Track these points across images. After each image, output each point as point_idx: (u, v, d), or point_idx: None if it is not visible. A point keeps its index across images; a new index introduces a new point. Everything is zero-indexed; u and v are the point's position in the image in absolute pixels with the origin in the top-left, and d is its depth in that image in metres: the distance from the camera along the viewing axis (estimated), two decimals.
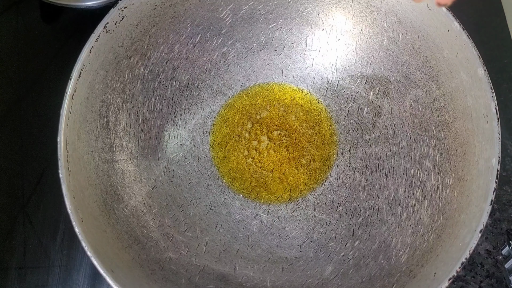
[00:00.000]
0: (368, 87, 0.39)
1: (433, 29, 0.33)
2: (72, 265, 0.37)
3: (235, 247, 0.35)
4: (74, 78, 0.31)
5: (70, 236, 0.38)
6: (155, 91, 0.37)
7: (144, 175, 0.36)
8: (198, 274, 0.33)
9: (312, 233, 0.36)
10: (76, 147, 0.31)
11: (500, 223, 0.39)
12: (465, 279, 0.37)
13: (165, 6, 0.35)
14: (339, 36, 0.39)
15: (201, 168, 0.38)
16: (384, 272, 0.32)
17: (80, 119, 0.31)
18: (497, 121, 0.30)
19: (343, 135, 0.39)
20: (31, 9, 0.46)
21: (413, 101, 0.36)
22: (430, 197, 0.33)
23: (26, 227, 0.38)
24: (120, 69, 0.34)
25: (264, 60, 0.41)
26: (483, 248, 0.38)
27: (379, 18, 0.36)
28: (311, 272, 0.34)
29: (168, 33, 0.36)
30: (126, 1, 0.33)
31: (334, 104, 0.40)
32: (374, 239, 0.34)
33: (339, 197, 0.37)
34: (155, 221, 0.34)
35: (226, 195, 0.38)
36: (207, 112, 0.40)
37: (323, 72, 0.40)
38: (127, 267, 0.30)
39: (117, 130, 0.35)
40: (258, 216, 0.37)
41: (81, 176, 0.31)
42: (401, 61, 0.36)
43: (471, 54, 0.31)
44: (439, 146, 0.34)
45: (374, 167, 0.37)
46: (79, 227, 0.28)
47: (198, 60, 0.39)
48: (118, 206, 0.32)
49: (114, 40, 0.33)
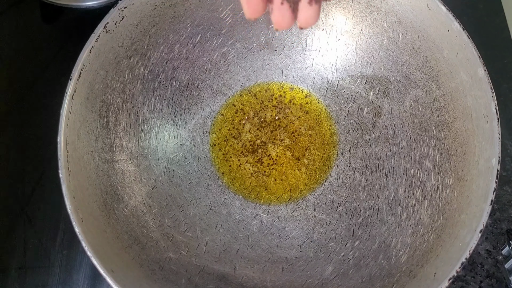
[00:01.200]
0: (368, 87, 0.39)
1: (433, 29, 0.33)
2: (72, 265, 0.37)
3: (235, 247, 0.35)
4: (74, 78, 0.31)
5: (70, 236, 0.38)
6: (155, 91, 0.37)
7: (144, 175, 0.36)
8: (198, 274, 0.33)
9: (312, 233, 0.36)
10: (76, 147, 0.31)
11: (500, 223, 0.39)
12: (465, 279, 0.37)
13: (165, 6, 0.35)
14: (339, 36, 0.39)
15: (201, 168, 0.38)
16: (384, 272, 0.32)
17: (80, 119, 0.31)
18: (497, 121, 0.30)
19: (343, 135, 0.39)
20: (31, 9, 0.46)
21: (413, 101, 0.36)
22: (430, 197, 0.33)
23: (26, 227, 0.38)
24: (120, 69, 0.34)
25: (264, 60, 0.41)
26: (483, 248, 0.38)
27: (379, 18, 0.36)
28: (311, 272, 0.34)
29: (168, 33, 0.36)
30: (126, 1, 0.33)
31: (334, 104, 0.40)
32: (374, 239, 0.34)
33: (339, 197, 0.37)
34: (155, 221, 0.34)
35: (226, 195, 0.38)
36: (207, 112, 0.40)
37: (323, 72, 0.40)
38: (127, 267, 0.30)
39: (117, 130, 0.35)
40: (258, 216, 0.37)
41: (81, 176, 0.31)
42: (401, 61, 0.36)
43: (471, 54, 0.31)
44: (439, 146, 0.34)
45: (374, 167, 0.37)
46: (79, 227, 0.28)
47: (198, 60, 0.39)
48: (118, 206, 0.32)
49: (114, 40, 0.33)
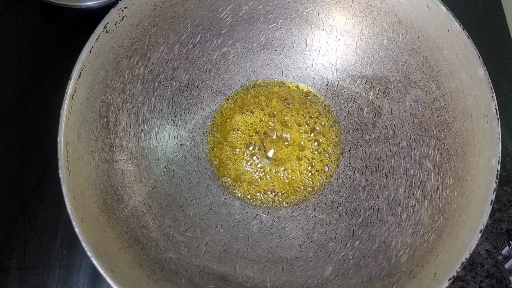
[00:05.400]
0: (368, 87, 0.39)
1: (433, 29, 0.33)
2: (72, 265, 0.37)
3: (235, 247, 0.35)
4: (74, 78, 0.31)
5: (70, 236, 0.38)
6: (155, 91, 0.37)
7: (144, 175, 0.36)
8: (198, 274, 0.33)
9: (312, 233, 0.36)
10: (76, 147, 0.31)
11: (500, 223, 0.39)
12: (465, 279, 0.37)
13: (165, 6, 0.35)
14: (339, 36, 0.39)
15: (201, 168, 0.38)
16: (384, 272, 0.32)
17: (80, 119, 0.31)
18: (497, 121, 0.30)
19: (343, 135, 0.39)
20: (31, 9, 0.46)
21: (413, 101, 0.36)
22: (430, 197, 0.33)
23: (26, 227, 0.38)
24: (120, 69, 0.34)
25: (264, 60, 0.41)
26: (483, 248, 0.38)
27: (379, 18, 0.36)
28: (311, 272, 0.34)
29: (168, 33, 0.36)
30: (126, 1, 0.33)
31: (334, 104, 0.40)
32: (374, 239, 0.34)
33: (339, 197, 0.37)
34: (155, 221, 0.34)
35: (226, 195, 0.38)
36: (207, 112, 0.40)
37: (323, 72, 0.40)
38: (127, 267, 0.30)
39: (117, 130, 0.35)
40: (258, 216, 0.37)
41: (81, 176, 0.31)
42: (401, 61, 0.36)
43: (471, 54, 0.31)
44: (439, 146, 0.34)
45: (374, 167, 0.37)
46: (79, 227, 0.28)
47: (198, 60, 0.39)
48: (118, 206, 0.32)
49: (114, 40, 0.33)
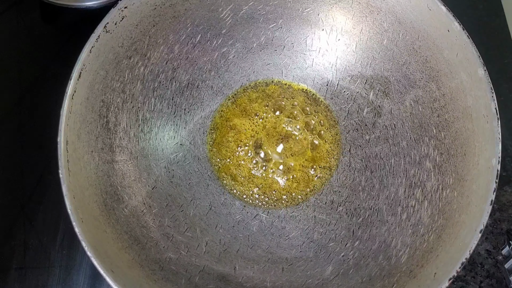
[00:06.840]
0: (368, 87, 0.39)
1: (433, 29, 0.33)
2: (72, 265, 0.37)
3: (235, 247, 0.35)
4: (74, 78, 0.31)
5: (70, 236, 0.38)
6: (155, 91, 0.37)
7: (144, 175, 0.36)
8: (198, 274, 0.33)
9: (312, 233, 0.36)
10: (76, 147, 0.31)
11: (500, 223, 0.39)
12: (465, 279, 0.37)
13: (165, 6, 0.35)
14: (339, 36, 0.39)
15: (201, 168, 0.38)
16: (384, 272, 0.32)
17: (80, 119, 0.31)
18: (497, 121, 0.30)
19: (343, 135, 0.39)
20: (31, 9, 0.46)
21: (413, 101, 0.36)
22: (430, 197, 0.33)
23: (26, 227, 0.38)
24: (120, 69, 0.34)
25: (264, 60, 0.41)
26: (483, 248, 0.38)
27: (379, 18, 0.36)
28: (311, 272, 0.34)
29: (168, 33, 0.36)
30: (126, 1, 0.33)
31: (334, 104, 0.40)
32: (374, 239, 0.34)
33: (339, 197, 0.37)
34: (155, 221, 0.34)
35: (226, 195, 0.38)
36: (207, 112, 0.40)
37: (323, 72, 0.40)
38: (127, 267, 0.30)
39: (117, 130, 0.35)
40: (258, 216, 0.37)
41: (81, 176, 0.31)
42: (401, 61, 0.36)
43: (471, 54, 0.31)
44: (439, 146, 0.34)
45: (374, 167, 0.37)
46: (79, 227, 0.28)
47: (198, 60, 0.39)
48: (118, 206, 0.32)
49: (114, 40, 0.33)
